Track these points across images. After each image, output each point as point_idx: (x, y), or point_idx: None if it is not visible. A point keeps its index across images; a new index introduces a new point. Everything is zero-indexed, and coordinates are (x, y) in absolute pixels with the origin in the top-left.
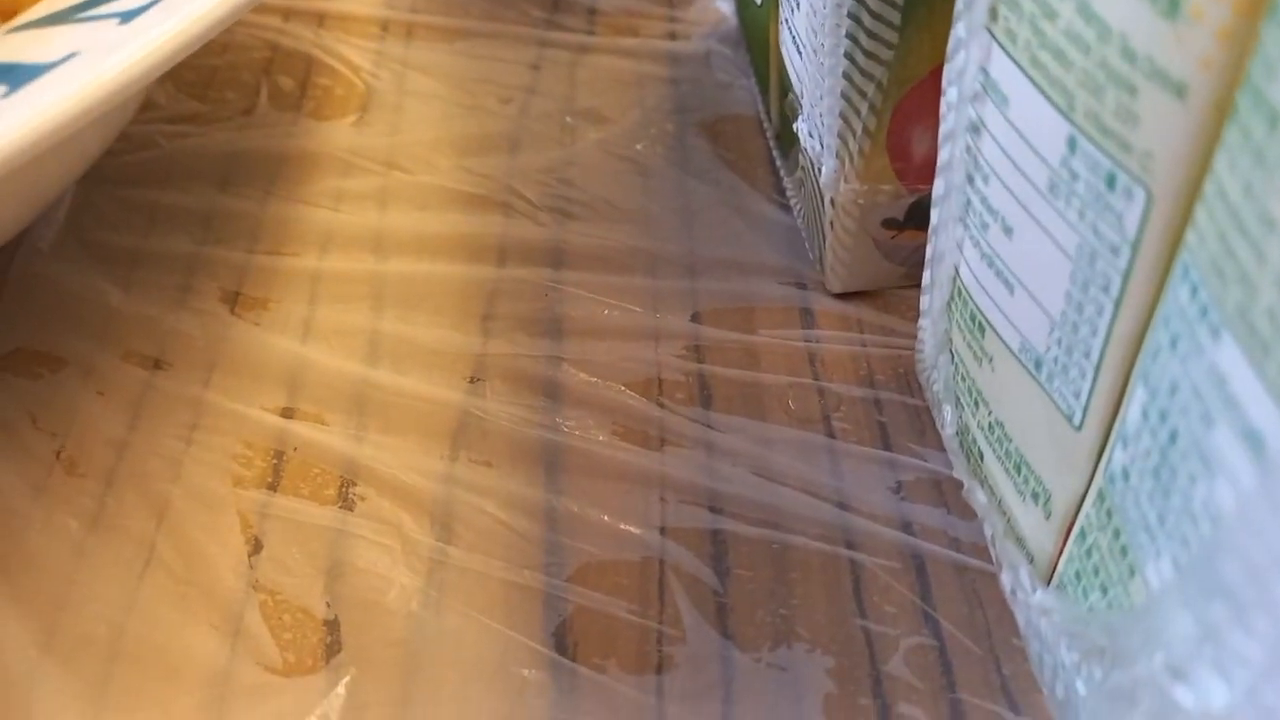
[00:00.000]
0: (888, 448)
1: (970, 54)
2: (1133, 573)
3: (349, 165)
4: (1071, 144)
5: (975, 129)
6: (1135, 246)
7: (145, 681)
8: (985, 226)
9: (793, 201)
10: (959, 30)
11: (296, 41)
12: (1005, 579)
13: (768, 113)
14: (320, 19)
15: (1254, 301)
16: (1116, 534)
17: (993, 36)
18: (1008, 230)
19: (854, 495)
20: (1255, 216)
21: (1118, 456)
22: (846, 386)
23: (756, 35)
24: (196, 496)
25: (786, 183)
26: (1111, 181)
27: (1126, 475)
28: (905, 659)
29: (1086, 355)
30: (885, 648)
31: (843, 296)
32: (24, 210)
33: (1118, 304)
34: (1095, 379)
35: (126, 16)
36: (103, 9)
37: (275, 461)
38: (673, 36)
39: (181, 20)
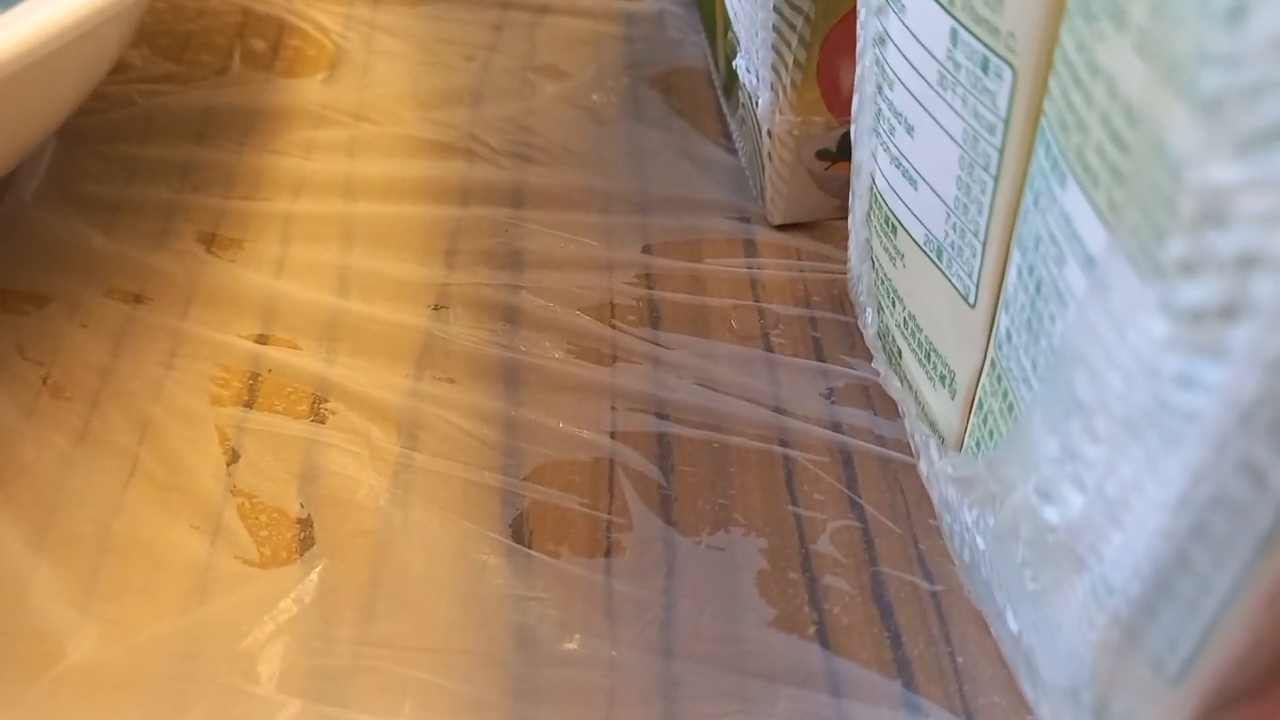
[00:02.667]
0: (821, 359)
1: None
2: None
3: (319, 118)
4: (954, 37)
5: (881, 40)
6: (1007, 122)
7: (132, 573)
8: (893, 130)
9: (736, 141)
10: None
11: (268, 7)
12: (922, 466)
13: (716, 66)
14: None
15: (1087, 141)
16: (1005, 395)
17: None
18: (910, 130)
19: (789, 400)
20: (1085, 67)
21: (1003, 322)
22: (785, 307)
23: None
24: (177, 414)
25: (731, 124)
26: (985, 65)
27: (1010, 336)
28: (832, 538)
29: (976, 234)
30: (814, 529)
31: (783, 228)
32: (4, 155)
33: (996, 179)
34: (983, 255)
35: None
36: None
37: (251, 382)
38: None
39: None
